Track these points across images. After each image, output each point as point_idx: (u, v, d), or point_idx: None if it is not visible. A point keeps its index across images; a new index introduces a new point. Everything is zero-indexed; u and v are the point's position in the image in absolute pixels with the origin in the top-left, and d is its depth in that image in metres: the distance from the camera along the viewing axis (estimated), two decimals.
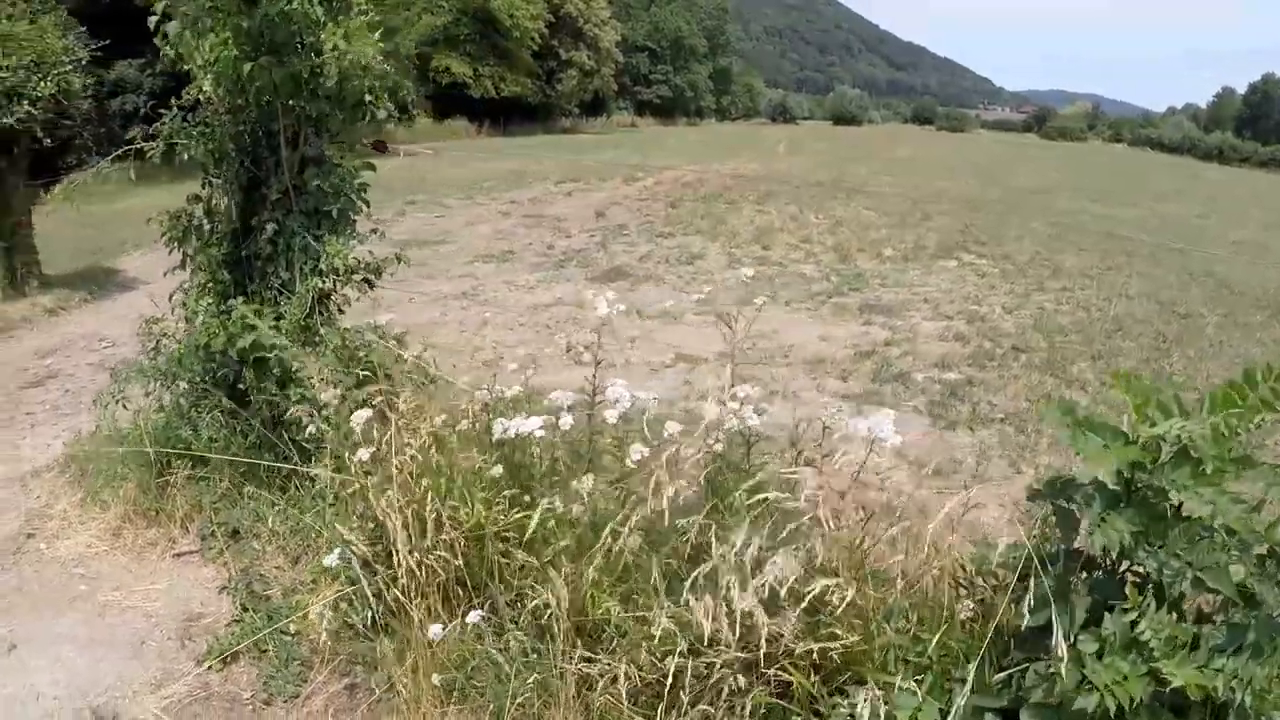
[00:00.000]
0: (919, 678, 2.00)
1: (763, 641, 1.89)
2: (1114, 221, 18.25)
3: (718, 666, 1.98)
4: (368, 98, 3.95)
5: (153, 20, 3.57)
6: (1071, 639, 1.90)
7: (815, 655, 2.04)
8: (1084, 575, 2.17)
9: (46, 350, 7.55)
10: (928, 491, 4.47)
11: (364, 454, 2.92)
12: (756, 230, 14.43)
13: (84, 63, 8.06)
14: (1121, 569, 2.20)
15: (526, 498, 2.72)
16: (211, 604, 3.68)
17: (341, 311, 4.38)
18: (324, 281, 3.98)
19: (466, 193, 19.19)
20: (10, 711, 3.10)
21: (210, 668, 3.24)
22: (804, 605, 1.97)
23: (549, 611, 2.36)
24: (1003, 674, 2.04)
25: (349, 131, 4.22)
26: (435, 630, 2.54)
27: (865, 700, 1.79)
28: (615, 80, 58.03)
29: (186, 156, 3.79)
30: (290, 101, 3.71)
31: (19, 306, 8.40)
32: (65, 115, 8.86)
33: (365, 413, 2.93)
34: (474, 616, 2.51)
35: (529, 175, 22.79)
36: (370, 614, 3.00)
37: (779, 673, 2.10)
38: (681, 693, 2.05)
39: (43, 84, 7.70)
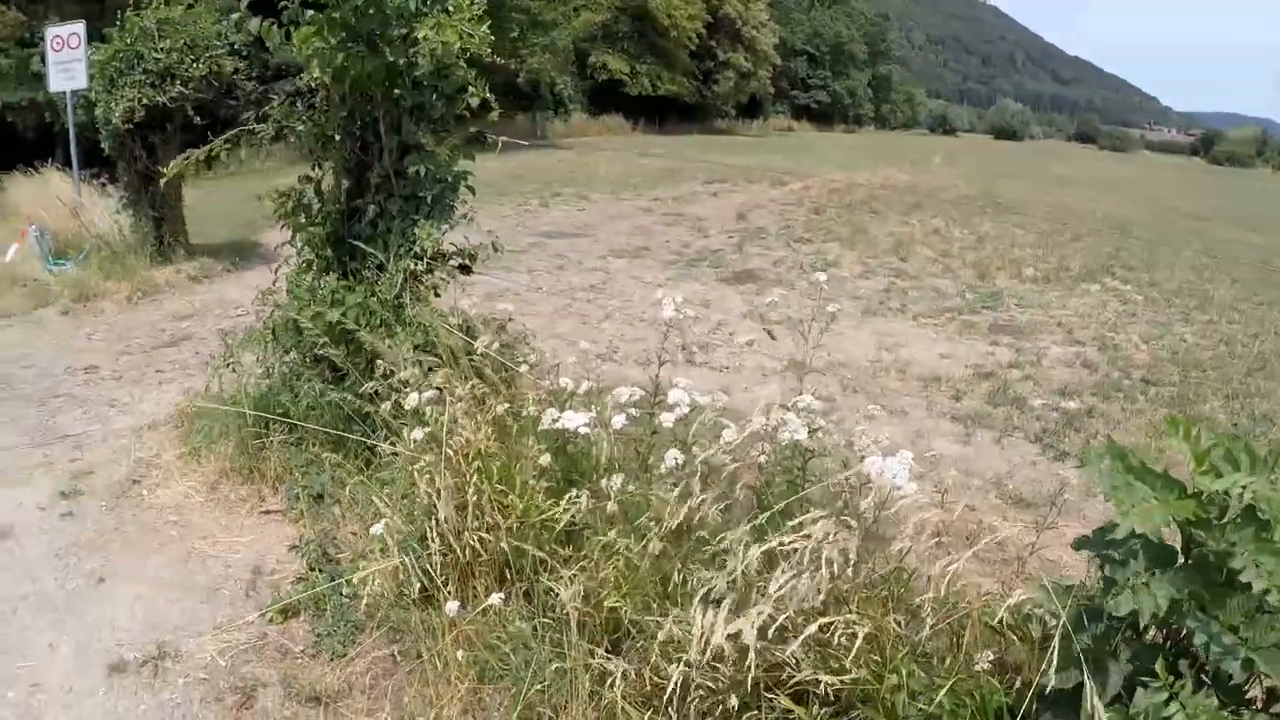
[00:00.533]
0: None
1: (751, 666, 1.81)
2: (1274, 253, 16.78)
3: (692, 679, 1.91)
4: (471, 89, 4.04)
5: (234, 16, 3.77)
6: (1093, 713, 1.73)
7: (823, 687, 1.94)
8: (1131, 637, 1.97)
9: (184, 314, 8.13)
10: (1011, 523, 4.21)
11: (418, 433, 2.99)
12: (896, 241, 14.05)
13: (236, 46, 8.60)
14: (1183, 636, 2.00)
15: (574, 490, 2.71)
16: (286, 561, 3.87)
17: (437, 294, 4.51)
18: (416, 264, 4.10)
19: (613, 188, 19.60)
20: (87, 636, 3.37)
21: (271, 620, 3.41)
22: (807, 634, 1.87)
23: (570, 604, 2.35)
24: None
25: (461, 125, 4.33)
26: (451, 608, 2.57)
27: None
28: (772, 83, 57.70)
29: (293, 139, 3.99)
30: (389, 90, 3.84)
31: (164, 272, 9.06)
32: (231, 96, 9.50)
33: (429, 393, 3.00)
34: (495, 599, 2.53)
35: (677, 174, 22.99)
36: (419, 586, 3.06)
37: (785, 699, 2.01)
38: (671, 708, 1.99)
39: (195, 65, 8.29)
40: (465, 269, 4.32)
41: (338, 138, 4.08)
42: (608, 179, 21.36)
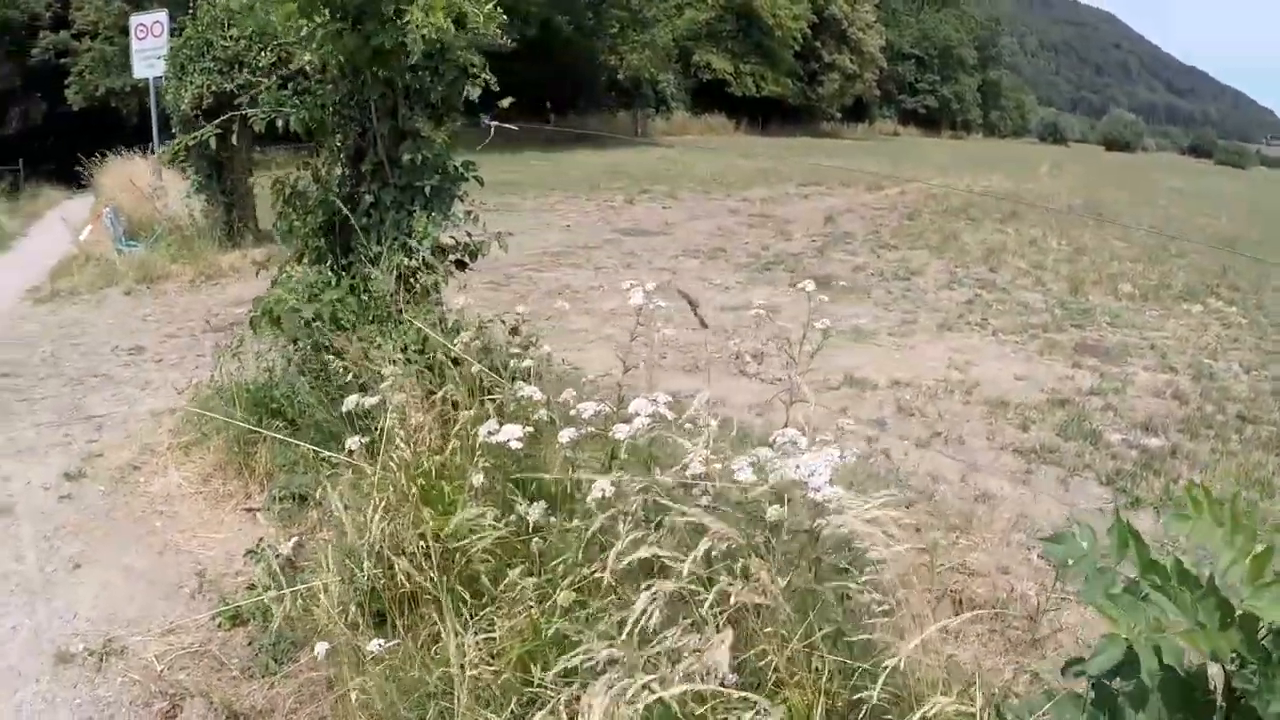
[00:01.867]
0: None
1: None
2: None
3: None
4: (472, 71, 3.81)
5: None
6: None
7: None
8: None
9: (244, 299, 8.17)
10: (1056, 595, 3.70)
11: (354, 442, 2.77)
12: (987, 250, 13.36)
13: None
14: None
15: (490, 517, 2.42)
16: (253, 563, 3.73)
17: (437, 290, 4.30)
18: (410, 259, 3.89)
19: (704, 187, 19.51)
20: (48, 624, 3.32)
21: (220, 625, 3.27)
22: None
23: (456, 662, 2.06)
24: None
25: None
26: (320, 649, 2.33)
27: None
28: (879, 87, 56.53)
29: (280, 125, 3.84)
30: (378, 72, 3.64)
31: (230, 257, 9.21)
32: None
33: (351, 399, 2.78)
34: (373, 645, 2.27)
35: (772, 175, 22.69)
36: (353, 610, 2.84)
37: None
38: None
39: (263, 54, 8.34)
40: (461, 265, 4.09)
41: (332, 122, 3.91)
42: (700, 178, 21.21)
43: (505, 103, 4.09)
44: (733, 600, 1.64)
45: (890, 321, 8.98)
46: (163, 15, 9.60)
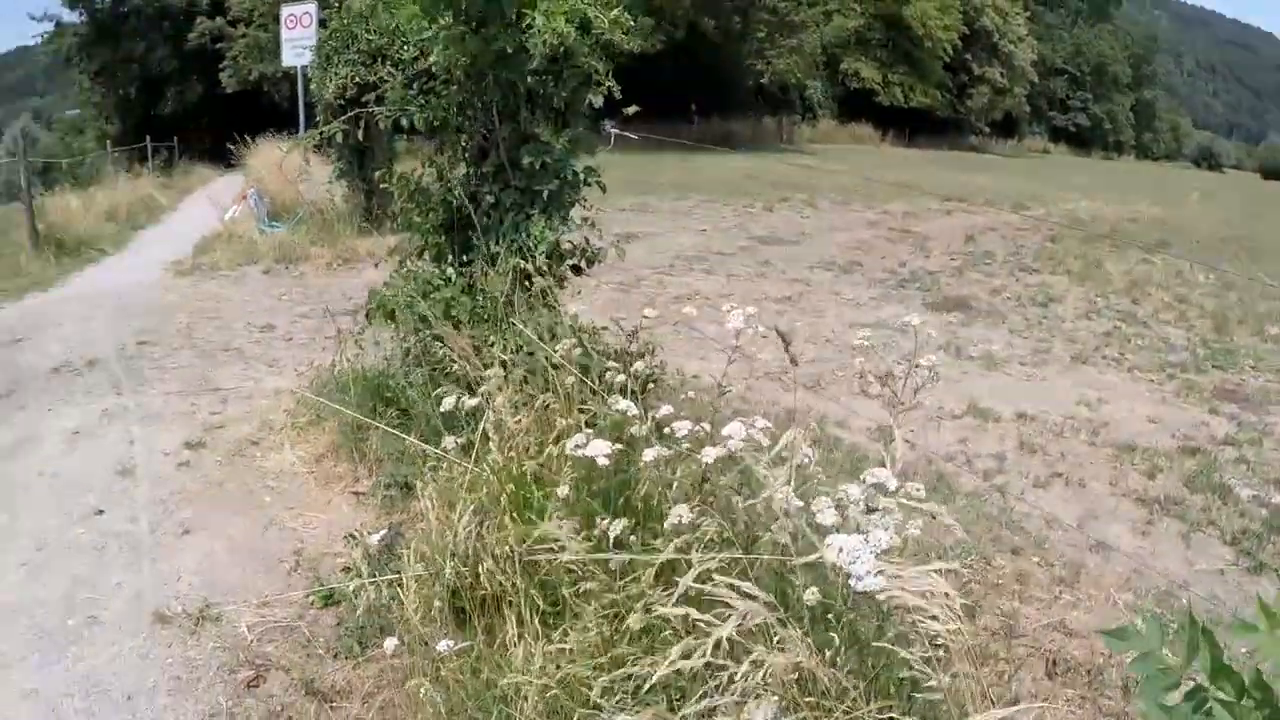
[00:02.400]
0: None
1: None
2: None
3: None
4: (596, 78, 3.82)
5: None
6: None
7: None
8: None
9: (377, 284, 8.48)
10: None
11: (449, 442, 2.82)
12: (1131, 281, 12.58)
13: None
14: None
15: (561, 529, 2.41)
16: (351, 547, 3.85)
17: (549, 294, 4.34)
18: (525, 262, 3.93)
19: (844, 197, 19.17)
20: (152, 582, 3.53)
21: (313, 604, 3.38)
22: None
23: (524, 672, 2.06)
24: None
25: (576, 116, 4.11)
26: (389, 644, 2.38)
27: None
28: (1029, 102, 54.38)
29: (406, 124, 3.95)
30: (500, 75, 3.69)
31: (367, 243, 9.57)
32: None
33: (450, 399, 2.83)
34: (442, 646, 2.29)
35: (914, 188, 22.07)
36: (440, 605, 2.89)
37: None
38: None
39: (406, 49, 8.62)
40: (578, 270, 4.12)
41: (456, 122, 4.00)
42: (841, 187, 20.86)
43: (630, 109, 4.10)
44: (762, 677, 1.58)
45: (1023, 350, 8.57)
46: (312, 7, 10.07)
